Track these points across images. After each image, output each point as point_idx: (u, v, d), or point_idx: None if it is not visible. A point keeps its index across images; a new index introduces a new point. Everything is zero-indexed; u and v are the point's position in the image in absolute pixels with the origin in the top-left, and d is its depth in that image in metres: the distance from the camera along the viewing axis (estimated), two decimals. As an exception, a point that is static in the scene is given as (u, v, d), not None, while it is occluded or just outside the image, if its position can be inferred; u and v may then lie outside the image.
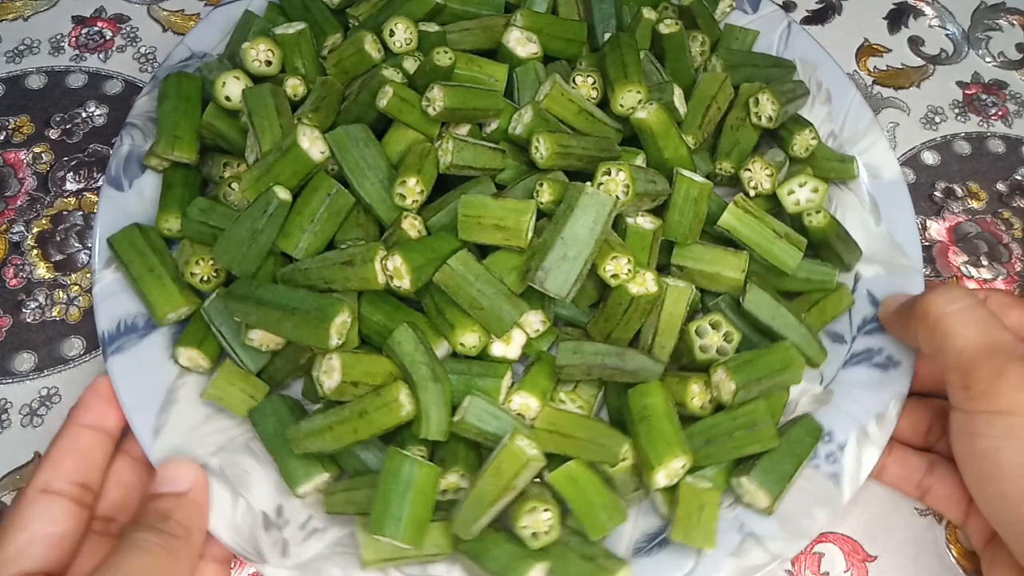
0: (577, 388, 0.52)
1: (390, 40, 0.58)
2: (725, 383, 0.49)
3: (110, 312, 0.53)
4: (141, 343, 0.53)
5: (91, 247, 0.55)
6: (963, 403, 0.45)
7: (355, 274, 0.49)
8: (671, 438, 0.48)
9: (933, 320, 0.47)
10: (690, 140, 0.58)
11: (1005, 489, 0.43)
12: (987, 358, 0.44)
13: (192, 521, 0.46)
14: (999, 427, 0.43)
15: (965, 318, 0.46)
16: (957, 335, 0.46)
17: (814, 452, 0.51)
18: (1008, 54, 0.74)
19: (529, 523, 0.46)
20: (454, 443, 0.50)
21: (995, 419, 0.43)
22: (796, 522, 0.49)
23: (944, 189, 0.68)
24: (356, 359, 0.47)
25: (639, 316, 0.51)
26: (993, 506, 0.45)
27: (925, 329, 0.47)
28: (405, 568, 0.48)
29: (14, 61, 0.70)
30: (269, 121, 0.53)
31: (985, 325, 0.46)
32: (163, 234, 0.56)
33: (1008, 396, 0.43)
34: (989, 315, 0.46)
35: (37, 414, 0.57)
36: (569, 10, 0.64)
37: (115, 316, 0.53)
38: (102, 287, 0.54)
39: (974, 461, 0.45)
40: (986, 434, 0.44)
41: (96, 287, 0.54)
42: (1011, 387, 0.43)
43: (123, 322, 0.53)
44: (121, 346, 0.52)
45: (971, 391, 0.44)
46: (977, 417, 0.44)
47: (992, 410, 0.44)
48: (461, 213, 0.50)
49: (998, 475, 0.44)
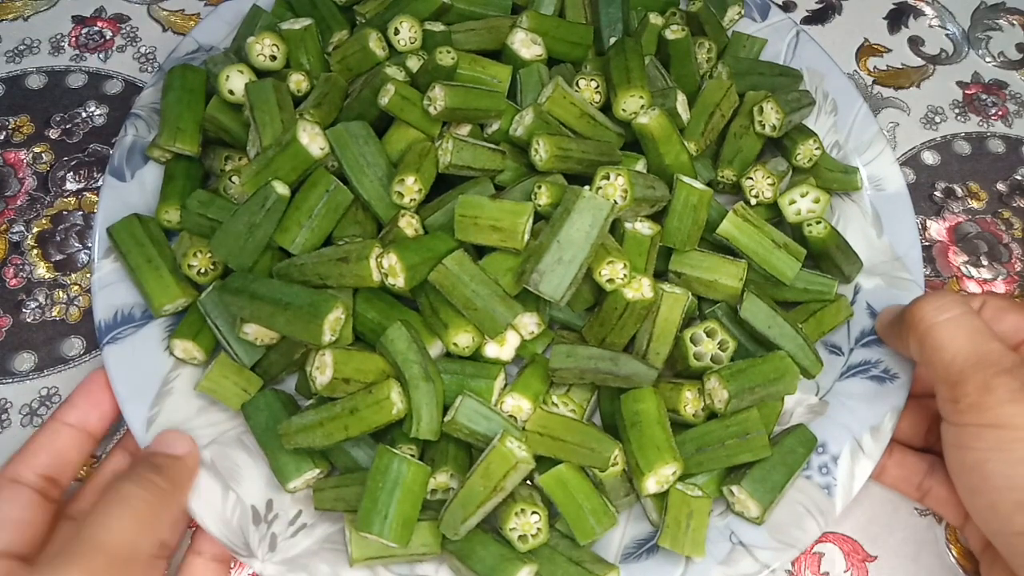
0: (570, 392, 0.52)
1: (395, 38, 0.58)
2: (718, 391, 0.49)
3: (107, 302, 0.54)
4: (137, 333, 0.53)
5: (91, 244, 0.56)
6: (952, 415, 0.45)
7: (350, 271, 0.49)
8: (662, 445, 0.48)
9: (923, 330, 0.47)
10: (692, 147, 0.58)
11: (994, 501, 0.44)
12: (975, 371, 0.44)
13: (180, 482, 0.48)
14: (987, 440, 0.43)
15: (954, 329, 0.46)
16: (945, 347, 0.45)
17: (807, 463, 0.51)
18: (1008, 54, 0.74)
19: (517, 525, 0.46)
20: (444, 443, 0.50)
21: (983, 432, 0.43)
22: (787, 532, 0.49)
23: (944, 189, 0.67)
24: (349, 356, 0.47)
25: (634, 321, 0.51)
26: (984, 517, 0.45)
27: (915, 339, 0.47)
28: (393, 567, 0.48)
29: (14, 61, 0.70)
30: (271, 116, 0.53)
31: (974, 336, 0.45)
32: (163, 225, 0.56)
33: (995, 410, 0.43)
34: (979, 325, 0.46)
35: (37, 414, 0.57)
36: (576, 13, 0.64)
37: (112, 306, 0.54)
38: (100, 276, 0.54)
39: (964, 473, 0.45)
40: (975, 447, 0.44)
41: (95, 276, 0.54)
42: (997, 401, 0.43)
43: (120, 312, 0.53)
44: (117, 336, 0.53)
45: (959, 404, 0.44)
46: (966, 430, 0.44)
47: (980, 423, 0.44)
48: (458, 213, 0.50)
49: (987, 487, 0.44)
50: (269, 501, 0.50)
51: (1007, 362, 0.44)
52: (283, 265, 0.51)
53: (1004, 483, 0.43)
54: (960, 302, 0.47)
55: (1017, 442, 0.42)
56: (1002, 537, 0.45)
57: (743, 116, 0.60)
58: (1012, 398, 0.43)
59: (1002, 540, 0.45)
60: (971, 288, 0.63)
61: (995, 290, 0.63)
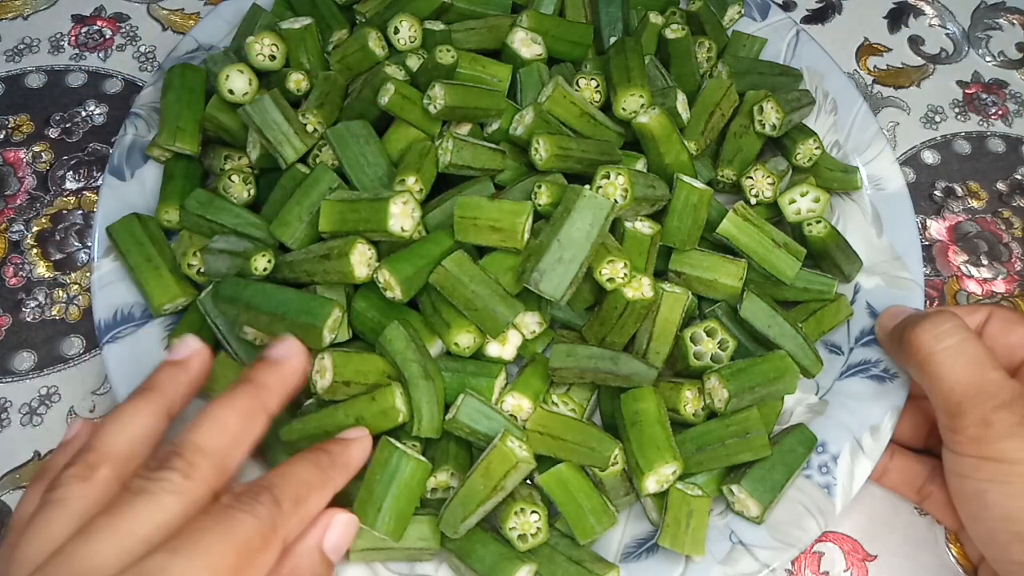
0: (570, 391, 0.52)
1: (394, 37, 0.58)
2: (718, 390, 0.49)
3: (107, 301, 0.54)
4: (137, 333, 0.53)
5: (91, 244, 0.56)
6: (952, 444, 0.46)
7: (333, 268, 0.49)
8: (662, 444, 0.48)
9: (922, 358, 0.47)
10: (692, 146, 0.58)
11: (993, 529, 0.44)
12: (973, 405, 0.44)
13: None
14: (986, 472, 0.44)
15: (953, 359, 0.46)
16: (944, 377, 0.46)
17: (807, 462, 0.51)
18: (1008, 53, 0.74)
19: (517, 525, 0.46)
20: (446, 441, 0.50)
21: (982, 464, 0.44)
22: (787, 532, 0.49)
23: (944, 188, 0.67)
24: (348, 358, 0.47)
25: (634, 321, 0.51)
26: (982, 542, 0.46)
27: (914, 365, 0.48)
28: (392, 565, 0.48)
29: (14, 60, 0.70)
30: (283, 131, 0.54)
31: (974, 366, 0.45)
32: (162, 225, 0.56)
33: (994, 445, 0.43)
34: (978, 353, 0.46)
35: (37, 413, 0.57)
36: (576, 12, 0.64)
37: (112, 305, 0.54)
38: (100, 275, 0.54)
39: (964, 500, 0.46)
40: (974, 477, 0.44)
41: (94, 275, 0.54)
42: (996, 436, 0.43)
43: (120, 311, 0.53)
44: (117, 335, 0.53)
45: (959, 435, 0.45)
46: (966, 460, 0.45)
47: (979, 456, 0.44)
48: (457, 215, 0.50)
49: (986, 516, 0.44)
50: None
51: (1006, 394, 0.44)
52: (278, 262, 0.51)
53: (1002, 514, 0.44)
54: (960, 327, 0.47)
55: (1016, 476, 0.43)
56: (1000, 564, 0.46)
57: (743, 115, 0.60)
58: (1011, 433, 0.43)
59: (1000, 566, 0.46)
60: (971, 288, 0.63)
61: (995, 289, 0.63)
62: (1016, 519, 0.43)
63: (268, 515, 0.35)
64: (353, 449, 0.43)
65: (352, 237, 0.49)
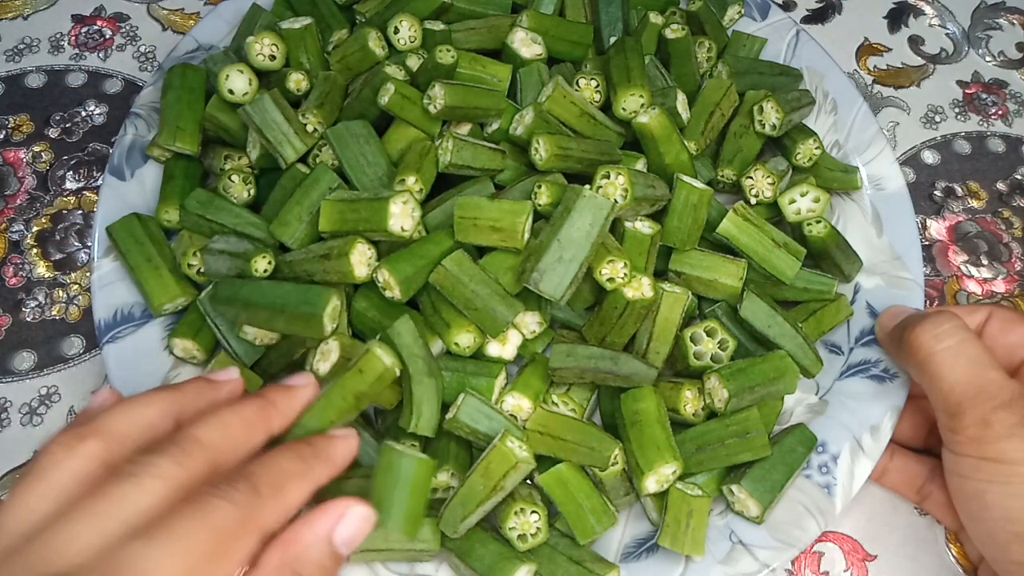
0: (570, 391, 0.52)
1: (394, 37, 0.58)
2: (718, 390, 0.49)
3: (107, 301, 0.54)
4: (137, 333, 0.53)
5: (91, 244, 0.56)
6: (951, 445, 0.46)
7: (333, 267, 0.49)
8: (662, 444, 0.48)
9: (922, 358, 0.47)
10: (692, 146, 0.58)
11: (992, 530, 0.44)
12: (973, 405, 0.44)
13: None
14: (986, 472, 0.44)
15: (953, 359, 0.46)
16: (944, 377, 0.46)
17: (807, 462, 0.51)
18: (1008, 53, 0.74)
19: (516, 525, 0.46)
20: (446, 441, 0.50)
21: (982, 464, 0.44)
22: (787, 532, 0.49)
23: (944, 188, 0.67)
24: (353, 343, 0.48)
25: (634, 321, 0.51)
26: (982, 542, 0.46)
27: (914, 365, 0.48)
28: (392, 565, 0.48)
29: (14, 60, 0.70)
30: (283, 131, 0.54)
31: (973, 366, 0.45)
32: (162, 225, 0.56)
33: (994, 445, 0.44)
34: (978, 353, 0.46)
35: (37, 413, 0.57)
36: (576, 12, 0.64)
37: (112, 305, 0.54)
38: (100, 276, 0.54)
39: (963, 500, 0.46)
40: (973, 477, 0.45)
41: (94, 275, 0.54)
42: (996, 436, 0.43)
43: (120, 311, 0.53)
44: (117, 335, 0.53)
45: (958, 436, 0.45)
46: (965, 460, 0.45)
47: (979, 456, 0.44)
48: (457, 215, 0.50)
49: (985, 516, 0.44)
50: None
51: (1006, 395, 0.44)
52: (278, 262, 0.51)
53: (1002, 514, 0.44)
54: (960, 328, 0.47)
55: (1015, 476, 0.43)
56: (999, 564, 0.46)
57: (743, 115, 0.60)
58: (1010, 433, 0.43)
59: (999, 566, 0.46)
60: (971, 288, 0.63)
61: (995, 289, 0.63)
62: (1016, 519, 0.43)
63: (245, 501, 0.35)
64: (338, 444, 0.42)
65: (352, 237, 0.49)
